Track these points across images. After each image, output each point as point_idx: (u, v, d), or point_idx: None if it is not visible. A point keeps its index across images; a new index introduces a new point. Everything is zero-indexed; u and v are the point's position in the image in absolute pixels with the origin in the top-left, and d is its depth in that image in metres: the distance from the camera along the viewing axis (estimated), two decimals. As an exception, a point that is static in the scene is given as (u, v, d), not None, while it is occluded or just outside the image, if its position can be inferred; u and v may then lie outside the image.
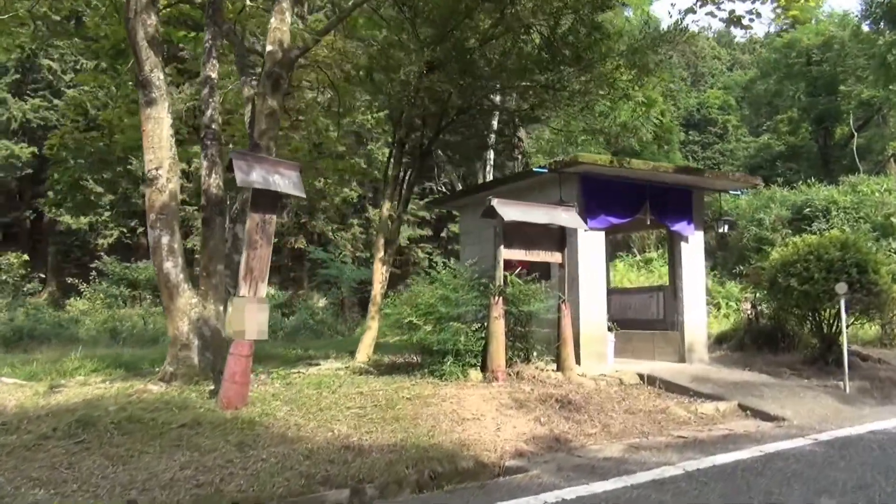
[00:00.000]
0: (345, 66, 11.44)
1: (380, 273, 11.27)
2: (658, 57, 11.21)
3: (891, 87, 27.41)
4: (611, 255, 29.45)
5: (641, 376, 9.91)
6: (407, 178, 11.86)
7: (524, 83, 11.61)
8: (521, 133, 17.79)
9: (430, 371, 8.97)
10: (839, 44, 35.67)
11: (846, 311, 10.12)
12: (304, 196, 7.99)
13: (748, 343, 13.39)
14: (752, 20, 9.83)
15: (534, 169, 10.76)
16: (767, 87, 42.36)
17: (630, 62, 11.13)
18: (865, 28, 32.44)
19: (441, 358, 8.98)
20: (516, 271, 9.75)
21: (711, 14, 9.80)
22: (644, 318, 12.85)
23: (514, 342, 9.32)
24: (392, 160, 11.58)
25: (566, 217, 9.60)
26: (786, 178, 34.02)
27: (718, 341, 14.54)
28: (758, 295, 13.30)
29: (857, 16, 33.57)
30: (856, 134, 34.04)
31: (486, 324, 9.04)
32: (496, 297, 8.93)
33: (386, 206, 11.50)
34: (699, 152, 58.53)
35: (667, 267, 14.89)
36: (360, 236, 29.89)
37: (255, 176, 7.56)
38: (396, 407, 7.49)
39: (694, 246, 11.92)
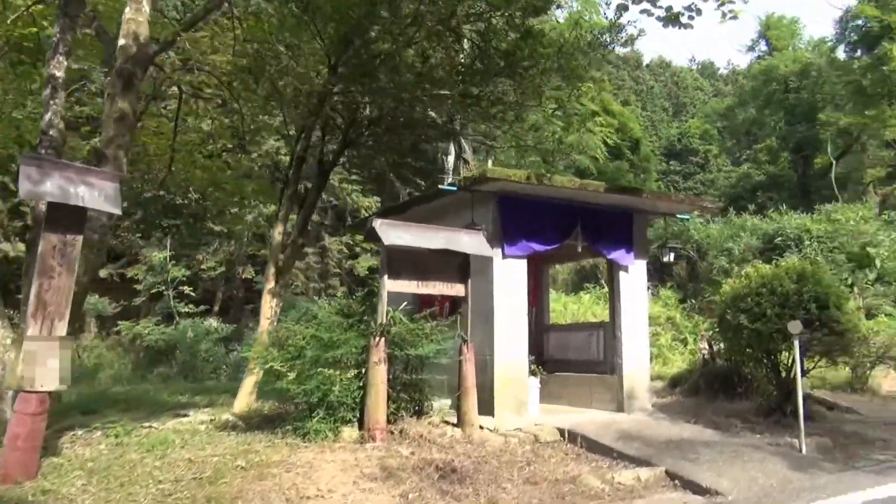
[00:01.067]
0: (228, 70, 9.98)
1: (268, 307, 9.70)
2: (586, 60, 9.78)
3: (868, 112, 26.36)
4: (577, 287, 28.09)
5: (563, 432, 8.34)
6: (307, 197, 10.35)
7: (447, 92, 10.20)
8: (468, 152, 16.38)
9: (294, 428, 7.36)
10: (816, 70, 34.80)
11: (803, 354, 8.63)
12: (118, 212, 6.47)
13: (703, 387, 11.83)
14: (691, 17, 8.41)
15: (440, 187, 9.28)
16: (746, 115, 41.45)
17: (559, 68, 9.72)
18: (841, 54, 31.58)
19: (309, 412, 7.39)
20: (430, 309, 8.28)
21: (647, 12, 8.41)
22: (584, 360, 11.30)
23: (400, 392, 7.73)
24: (290, 177, 10.07)
25: (470, 242, 8.09)
26: (766, 208, 32.85)
27: (674, 384, 12.98)
28: (714, 332, 11.80)
29: (832, 40, 32.74)
30: (834, 162, 32.96)
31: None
32: (376, 338, 7.37)
33: (278, 230, 9.97)
34: (680, 182, 57.61)
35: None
36: (315, 266, 28.29)
37: (50, 186, 6.05)
38: (220, 481, 5.88)
39: (635, 277, 10.43)
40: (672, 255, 10.62)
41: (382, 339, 7.38)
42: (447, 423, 8.02)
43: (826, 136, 35.09)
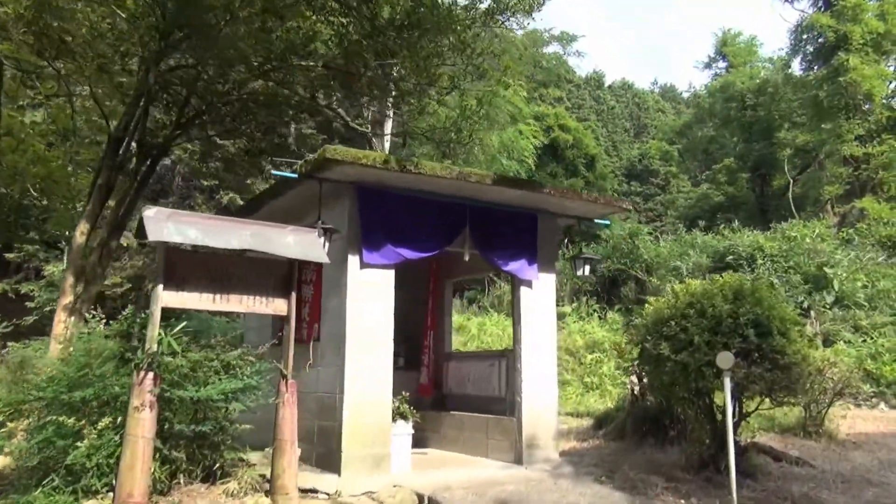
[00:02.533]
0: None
1: (61, 326, 7.45)
2: (481, 30, 7.87)
3: (823, 125, 25.07)
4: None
5: (421, 499, 6.23)
6: (127, 189, 8.15)
7: (310, 63, 8.16)
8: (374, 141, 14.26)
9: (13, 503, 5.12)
10: (773, 87, 33.69)
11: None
12: None
13: (630, 430, 9.83)
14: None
15: (274, 173, 7.17)
16: (703, 134, 40.26)
17: (452, 46, 7.79)
18: (797, 69, 30.49)
19: (39, 478, 5.17)
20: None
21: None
22: (484, 395, 9.21)
23: (176, 449, 5.54)
24: (102, 162, 7.88)
25: (295, 243, 5.98)
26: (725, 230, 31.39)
27: (598, 424, 10.96)
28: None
29: (787, 54, 31.66)
30: (791, 181, 31.70)
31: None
32: (140, 374, 5.20)
33: (81, 228, 7.75)
34: (641, 203, 56.49)
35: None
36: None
37: None
38: None
39: (540, 294, 8.41)
40: (587, 267, 8.58)
41: (149, 374, 5.20)
42: (258, 489, 5.83)
43: (784, 155, 33.93)
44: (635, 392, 10.17)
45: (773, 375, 6.92)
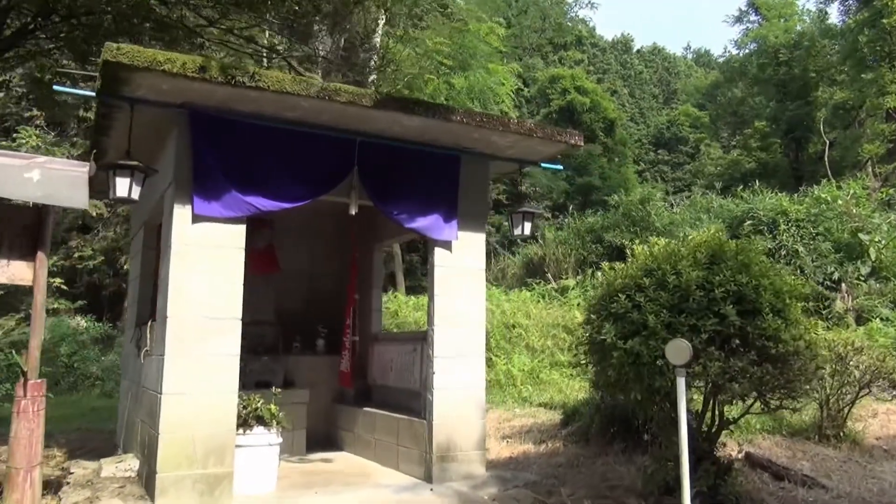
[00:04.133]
0: None
1: None
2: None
3: (864, 76, 22.29)
4: (521, 283, 24.04)
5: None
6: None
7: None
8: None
9: None
10: (809, 40, 30.62)
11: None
12: None
13: (596, 431, 7.85)
14: None
15: (58, 88, 5.24)
16: (733, 93, 37.23)
17: None
18: (835, 18, 27.45)
19: None
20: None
21: None
22: (404, 388, 7.30)
23: None
24: None
25: (43, 181, 4.08)
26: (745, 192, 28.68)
27: (566, 421, 8.97)
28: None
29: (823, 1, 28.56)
30: (828, 143, 28.80)
31: None
32: None
33: None
34: (669, 172, 53.62)
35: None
36: None
37: None
38: None
39: (461, 259, 6.42)
40: (527, 224, 6.49)
41: None
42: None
43: (821, 116, 30.94)
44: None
45: (763, 370, 4.86)
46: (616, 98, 53.45)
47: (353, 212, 5.86)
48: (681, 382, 4.18)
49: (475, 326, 6.42)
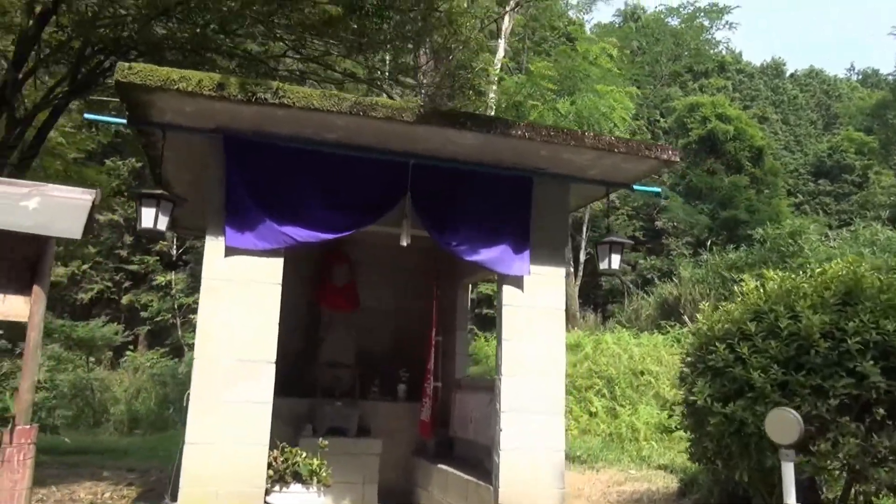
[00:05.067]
0: None
1: None
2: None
3: None
4: (654, 325, 22.15)
5: None
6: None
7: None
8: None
9: None
10: None
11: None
12: None
13: (715, 506, 6.49)
14: None
15: (87, 117, 4.99)
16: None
17: None
18: None
19: None
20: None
21: None
22: (482, 443, 6.42)
23: None
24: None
25: (41, 209, 3.78)
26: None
27: (683, 491, 7.60)
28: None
29: None
30: None
31: None
32: None
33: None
34: (831, 204, 48.53)
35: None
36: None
37: None
38: None
39: (535, 297, 5.51)
40: (615, 257, 5.48)
41: None
42: None
43: None
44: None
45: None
46: (767, 126, 49.53)
47: (404, 243, 5.18)
48: (787, 469, 3.03)
49: (552, 377, 5.46)
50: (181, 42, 6.54)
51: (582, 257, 25.40)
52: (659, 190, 6.59)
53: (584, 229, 25.02)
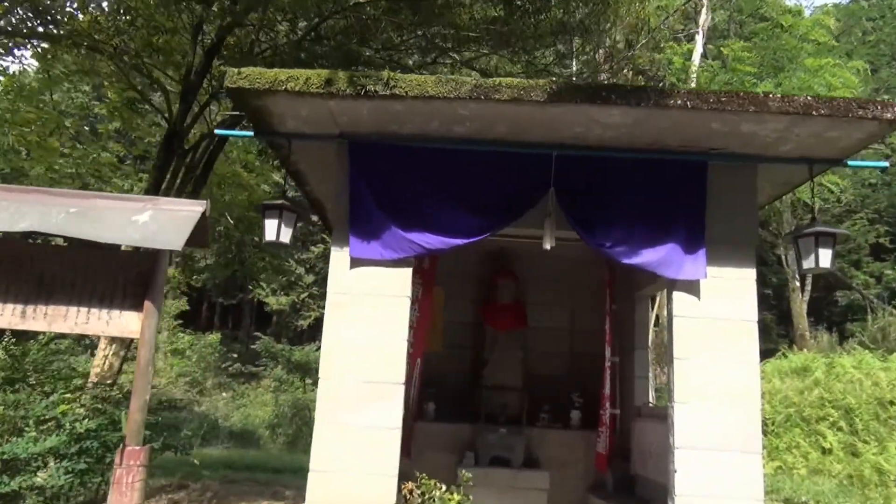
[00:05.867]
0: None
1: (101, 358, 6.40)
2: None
3: None
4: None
5: None
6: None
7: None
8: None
9: None
10: None
11: None
12: None
13: None
14: None
15: (218, 132, 4.90)
16: None
17: None
18: None
19: None
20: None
21: None
22: (662, 483, 5.39)
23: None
24: (156, 161, 6.78)
25: (152, 223, 3.71)
26: None
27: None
28: None
29: None
30: None
31: None
32: None
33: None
34: None
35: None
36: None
37: None
38: None
39: (712, 307, 4.46)
40: (824, 253, 4.21)
41: None
42: None
43: None
44: None
45: None
46: None
47: (547, 246, 4.46)
48: None
49: (743, 405, 4.35)
50: (334, 60, 6.50)
51: (810, 268, 22.20)
52: (886, 164, 5.11)
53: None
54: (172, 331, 22.90)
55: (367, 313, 4.43)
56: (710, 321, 4.43)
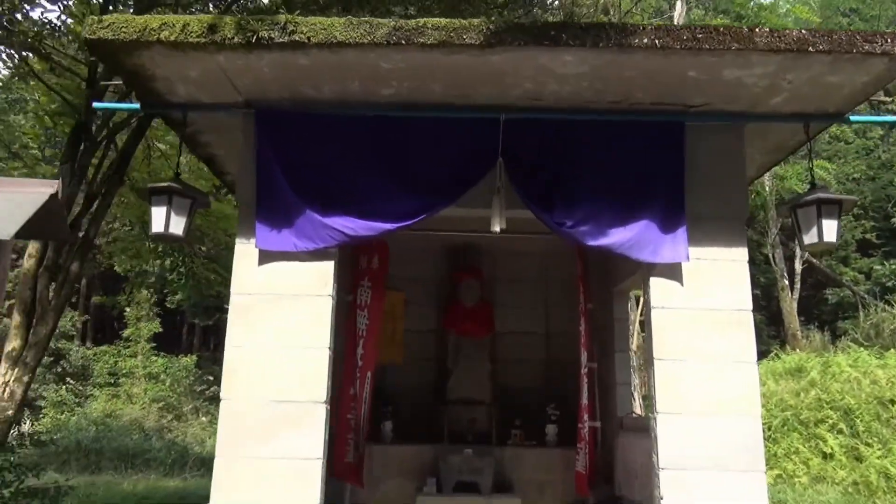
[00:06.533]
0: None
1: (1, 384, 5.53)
2: None
3: None
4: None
5: None
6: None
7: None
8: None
9: None
10: None
11: None
12: None
13: None
14: None
15: (98, 105, 4.07)
16: None
17: None
18: None
19: None
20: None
21: None
22: (651, 510, 4.58)
23: None
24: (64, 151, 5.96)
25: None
26: None
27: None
28: None
29: None
30: None
31: None
32: None
33: (30, 249, 5.84)
34: None
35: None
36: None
37: None
38: None
39: (698, 295, 3.69)
40: (829, 226, 3.50)
41: None
42: None
43: None
44: None
45: None
46: None
47: (496, 228, 3.68)
48: None
49: (740, 414, 3.57)
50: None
51: (798, 266, 21.65)
52: (894, 118, 4.38)
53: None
54: (146, 354, 21.89)
55: (280, 318, 3.62)
56: (696, 313, 3.66)
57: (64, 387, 19.44)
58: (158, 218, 3.58)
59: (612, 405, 5.89)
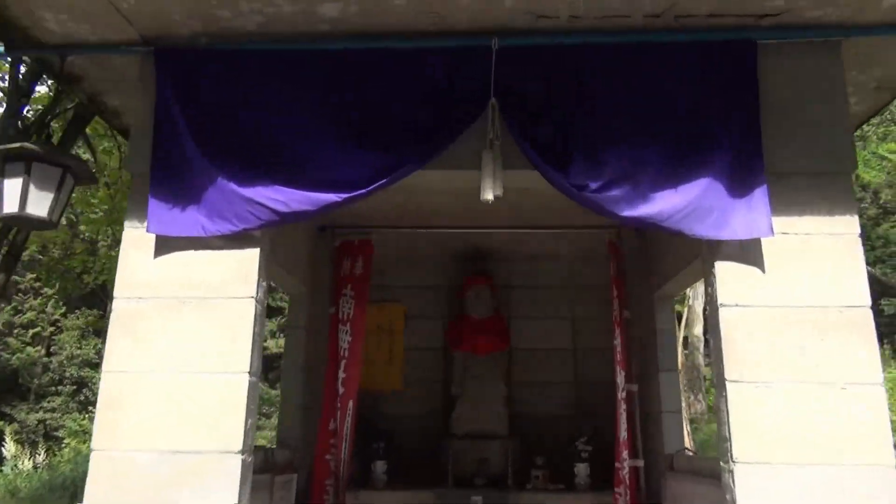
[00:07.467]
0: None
1: None
2: None
3: None
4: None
5: None
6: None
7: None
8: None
9: None
10: None
11: None
12: None
13: None
14: None
15: None
16: None
17: None
18: None
19: None
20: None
21: None
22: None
23: None
24: None
25: None
26: None
27: None
28: None
29: None
30: None
31: None
32: None
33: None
34: None
35: None
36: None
37: None
38: None
39: (786, 286, 2.50)
40: None
41: None
42: None
43: None
44: None
45: None
46: None
47: (489, 196, 2.55)
48: None
49: (860, 466, 2.36)
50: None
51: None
52: None
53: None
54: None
55: (182, 331, 2.54)
56: (787, 313, 2.48)
57: (87, 416, 18.65)
58: (12, 193, 2.54)
59: (658, 439, 4.66)
